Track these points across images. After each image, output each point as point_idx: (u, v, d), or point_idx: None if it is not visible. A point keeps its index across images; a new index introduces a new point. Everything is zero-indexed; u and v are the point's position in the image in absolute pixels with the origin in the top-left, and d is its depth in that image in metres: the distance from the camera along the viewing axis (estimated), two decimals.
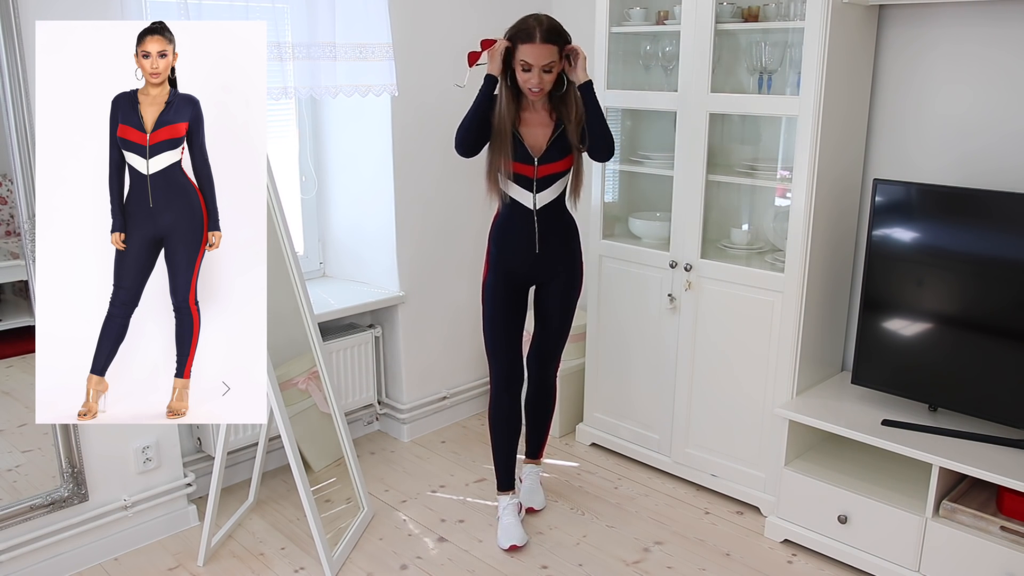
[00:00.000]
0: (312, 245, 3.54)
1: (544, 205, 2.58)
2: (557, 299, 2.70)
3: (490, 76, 2.48)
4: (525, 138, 2.54)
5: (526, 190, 2.56)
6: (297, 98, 3.12)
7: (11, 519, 2.38)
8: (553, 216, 2.60)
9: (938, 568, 2.39)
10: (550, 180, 2.56)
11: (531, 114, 2.55)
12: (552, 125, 2.55)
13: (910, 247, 2.53)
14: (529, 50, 2.40)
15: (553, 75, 2.45)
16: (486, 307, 2.67)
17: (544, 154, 2.53)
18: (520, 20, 2.46)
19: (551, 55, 2.41)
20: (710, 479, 3.03)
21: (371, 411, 3.51)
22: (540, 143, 2.54)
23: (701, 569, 2.60)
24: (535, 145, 2.54)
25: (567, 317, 2.76)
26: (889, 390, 2.64)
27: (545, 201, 2.58)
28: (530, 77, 2.43)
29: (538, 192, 2.56)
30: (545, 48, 2.40)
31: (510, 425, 2.74)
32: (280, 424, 2.39)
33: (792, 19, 2.61)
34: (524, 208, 2.58)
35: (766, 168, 2.83)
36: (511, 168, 2.52)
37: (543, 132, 2.54)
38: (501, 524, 2.73)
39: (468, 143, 2.51)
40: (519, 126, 2.54)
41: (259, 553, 2.67)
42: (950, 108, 2.64)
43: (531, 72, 2.42)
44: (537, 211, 2.58)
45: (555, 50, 2.42)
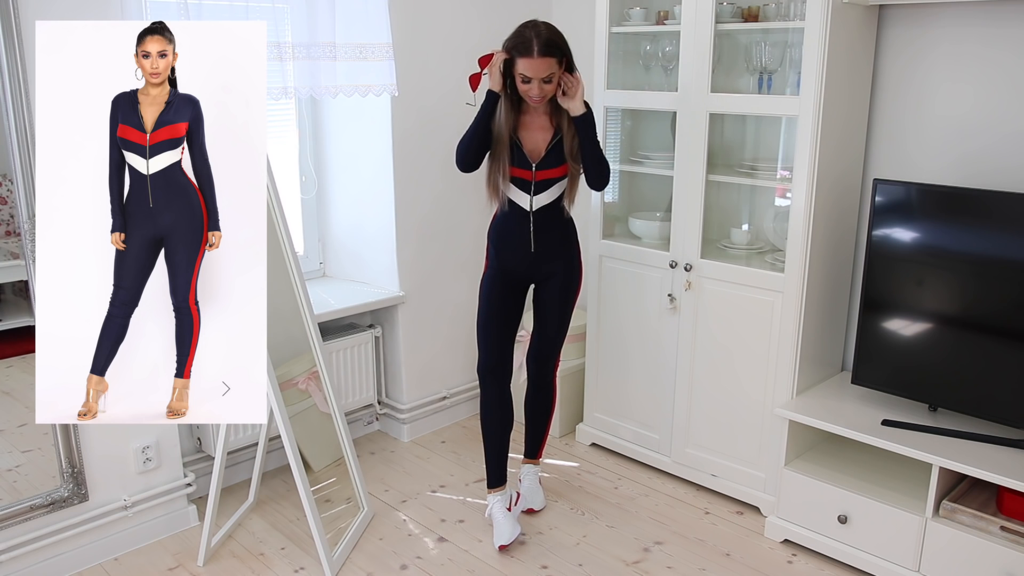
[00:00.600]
0: (312, 245, 3.54)
1: (541, 207, 2.59)
2: (555, 298, 2.71)
3: (491, 93, 2.49)
4: (524, 143, 2.55)
5: (524, 192, 2.58)
6: (297, 98, 3.12)
7: (11, 519, 2.38)
8: (550, 216, 2.62)
9: (938, 568, 2.39)
10: (548, 183, 2.58)
11: (531, 118, 2.56)
12: (552, 130, 2.55)
13: (910, 247, 2.53)
14: (527, 64, 2.40)
15: (554, 84, 2.45)
16: (480, 299, 2.71)
17: (542, 160, 2.55)
18: (517, 31, 2.44)
19: (550, 68, 2.40)
20: (710, 479, 3.03)
21: (371, 411, 3.51)
22: (539, 149, 2.55)
23: (701, 569, 2.60)
24: (534, 151, 2.55)
25: (564, 316, 2.76)
26: (889, 390, 2.64)
27: (542, 203, 2.59)
28: (530, 88, 2.44)
29: (535, 195, 2.58)
30: (543, 61, 2.39)
31: (496, 417, 2.74)
32: (280, 424, 2.39)
33: (792, 19, 2.61)
34: (521, 209, 2.60)
35: (766, 168, 2.83)
36: (508, 174, 2.55)
37: (543, 137, 2.55)
38: (494, 523, 2.74)
39: (468, 160, 2.55)
40: (519, 131, 2.55)
41: (259, 553, 2.67)
42: (950, 108, 2.64)
43: (531, 84, 2.43)
44: (534, 212, 2.59)
45: (553, 62, 2.41)
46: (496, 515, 2.73)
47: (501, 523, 2.70)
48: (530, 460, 2.99)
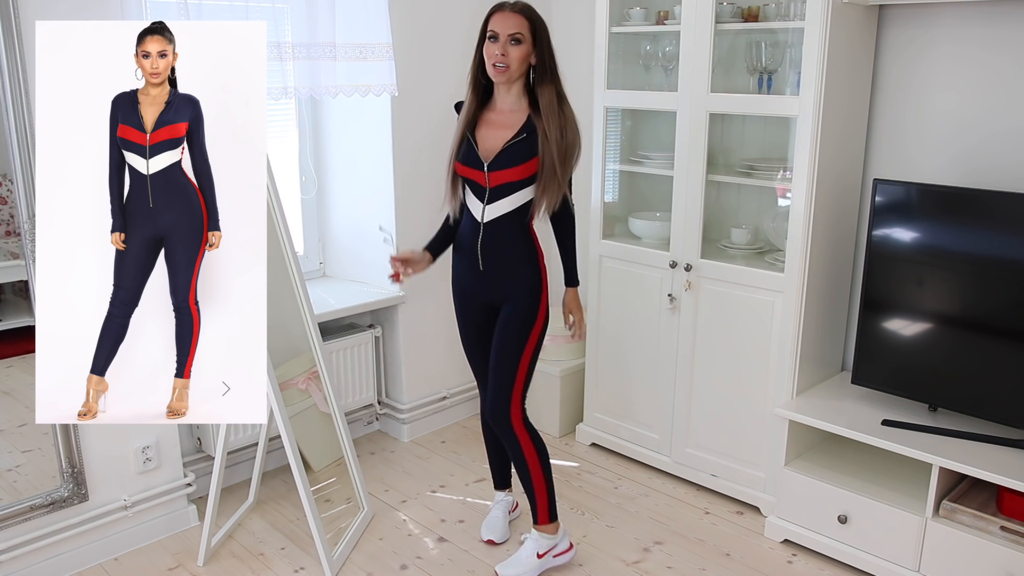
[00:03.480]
0: (312, 245, 3.54)
1: (494, 219, 2.33)
2: (501, 329, 2.39)
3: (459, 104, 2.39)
4: (481, 141, 2.33)
5: (478, 199, 2.35)
6: (297, 98, 3.12)
7: (11, 519, 2.38)
8: (503, 233, 2.34)
9: (938, 568, 2.39)
10: (504, 191, 2.31)
11: (497, 115, 2.35)
12: (514, 131, 2.30)
13: (910, 247, 2.53)
14: (497, 18, 2.23)
15: (521, 53, 2.23)
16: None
17: (495, 160, 2.29)
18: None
19: (520, 25, 2.21)
20: (710, 479, 3.03)
21: (371, 411, 3.51)
22: (495, 147, 2.31)
23: (701, 569, 2.60)
24: (489, 149, 2.31)
25: (504, 349, 2.36)
26: (889, 390, 2.64)
27: (496, 214, 2.33)
28: (494, 47, 2.23)
29: (488, 203, 2.33)
30: (514, 17, 2.22)
31: (494, 441, 2.72)
32: (280, 424, 2.39)
33: (792, 19, 2.61)
34: (473, 218, 2.37)
35: (766, 168, 2.83)
36: (453, 171, 2.37)
37: (503, 135, 2.31)
38: (487, 516, 2.75)
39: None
40: (480, 127, 2.35)
41: (259, 553, 2.67)
42: (950, 108, 2.64)
43: (497, 42, 2.22)
44: (484, 224, 2.35)
45: (525, 23, 2.22)
46: (495, 513, 2.75)
47: (496, 519, 2.73)
48: (535, 524, 2.53)
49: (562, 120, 2.28)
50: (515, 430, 2.40)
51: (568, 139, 2.28)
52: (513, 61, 2.23)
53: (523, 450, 2.42)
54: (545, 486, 2.46)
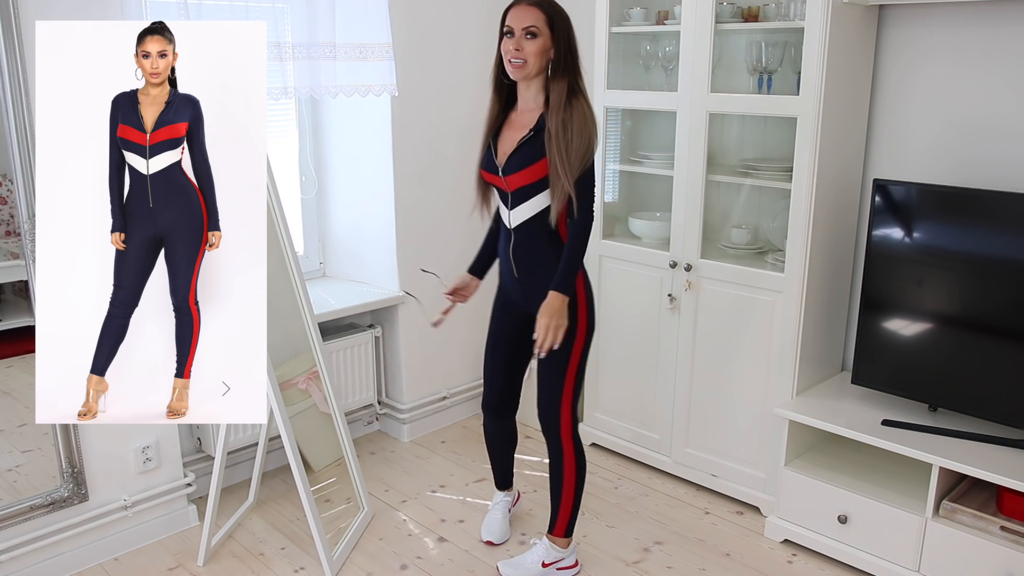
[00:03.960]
0: (312, 245, 3.54)
1: (521, 223, 2.27)
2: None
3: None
4: (500, 144, 2.27)
5: (504, 205, 2.30)
6: (297, 98, 3.12)
7: (11, 519, 2.38)
8: (533, 238, 2.27)
9: (938, 568, 2.39)
10: (524, 194, 2.23)
11: (516, 116, 2.27)
12: (526, 130, 2.21)
13: (910, 247, 2.53)
14: (513, 12, 2.15)
15: (537, 47, 2.13)
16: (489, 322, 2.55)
17: (507, 162, 2.22)
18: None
19: (535, 18, 2.12)
20: (710, 479, 3.03)
21: (371, 411, 3.51)
22: (509, 149, 2.23)
23: (701, 569, 2.60)
24: (504, 152, 2.25)
25: (548, 359, 2.29)
26: (889, 390, 2.64)
27: (521, 219, 2.26)
28: (510, 43, 2.15)
29: (512, 208, 2.27)
30: (529, 10, 2.13)
31: (494, 440, 2.69)
32: (280, 424, 2.39)
33: (792, 19, 2.61)
34: (504, 225, 2.33)
35: (766, 168, 2.83)
36: (480, 177, 2.34)
37: (517, 136, 2.23)
38: (486, 516, 2.75)
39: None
40: (503, 130, 2.29)
41: (259, 553, 2.67)
42: (950, 108, 2.64)
43: (513, 38, 2.14)
44: (513, 229, 2.29)
45: (541, 16, 2.12)
46: (495, 514, 2.75)
47: (495, 520, 2.73)
48: (548, 534, 2.51)
49: (566, 114, 2.13)
50: (562, 441, 2.38)
51: (569, 135, 2.12)
52: (529, 56, 2.13)
53: (564, 461, 2.40)
54: (573, 502, 2.44)
